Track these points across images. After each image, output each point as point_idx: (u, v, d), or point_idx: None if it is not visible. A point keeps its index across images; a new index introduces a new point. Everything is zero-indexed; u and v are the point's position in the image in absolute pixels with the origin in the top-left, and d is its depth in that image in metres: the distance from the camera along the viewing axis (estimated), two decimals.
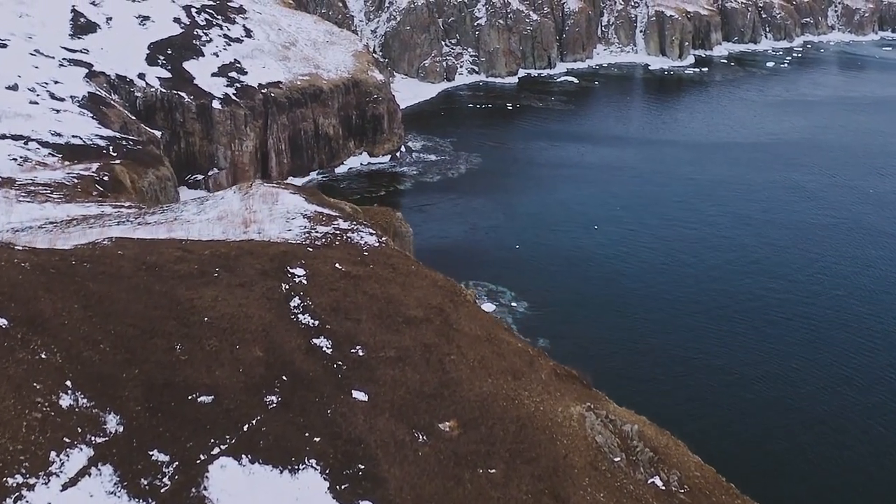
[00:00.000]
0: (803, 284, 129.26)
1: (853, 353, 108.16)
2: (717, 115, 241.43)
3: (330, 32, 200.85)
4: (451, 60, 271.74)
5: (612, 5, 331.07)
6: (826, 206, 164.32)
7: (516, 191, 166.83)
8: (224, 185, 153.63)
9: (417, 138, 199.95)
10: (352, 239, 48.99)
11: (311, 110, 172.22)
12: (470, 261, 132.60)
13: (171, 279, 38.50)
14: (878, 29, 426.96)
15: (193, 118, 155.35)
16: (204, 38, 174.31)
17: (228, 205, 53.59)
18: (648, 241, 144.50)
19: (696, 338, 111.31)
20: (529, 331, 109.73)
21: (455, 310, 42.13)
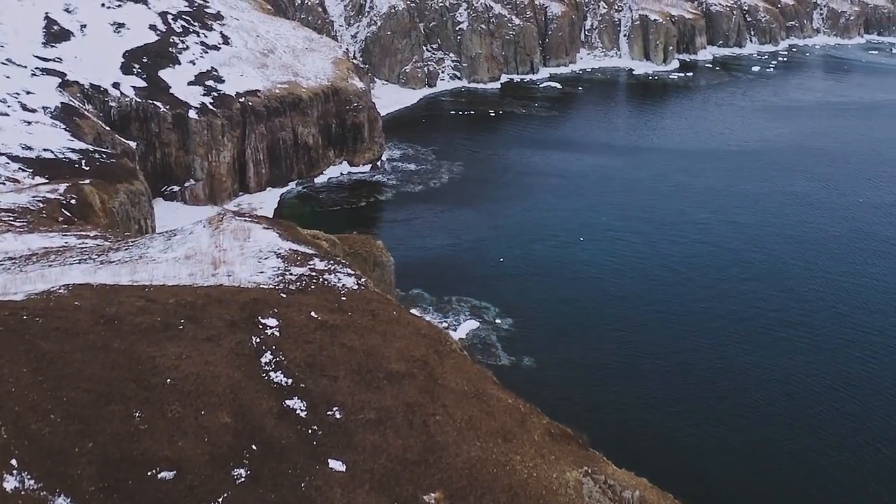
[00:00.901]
0: (804, 299, 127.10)
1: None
2: (704, 122, 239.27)
3: (309, 39, 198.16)
4: (433, 66, 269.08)
5: (596, 9, 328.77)
6: (817, 216, 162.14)
7: (500, 201, 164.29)
8: (201, 197, 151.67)
9: (399, 146, 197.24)
10: (329, 282, 46.10)
11: (289, 119, 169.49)
12: (453, 275, 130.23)
13: (131, 334, 35.73)
14: (864, 32, 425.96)
15: (169, 128, 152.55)
16: (180, 45, 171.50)
17: (197, 241, 50.73)
18: (635, 252, 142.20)
19: (689, 357, 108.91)
20: (514, 350, 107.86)
21: (440, 362, 39.35)
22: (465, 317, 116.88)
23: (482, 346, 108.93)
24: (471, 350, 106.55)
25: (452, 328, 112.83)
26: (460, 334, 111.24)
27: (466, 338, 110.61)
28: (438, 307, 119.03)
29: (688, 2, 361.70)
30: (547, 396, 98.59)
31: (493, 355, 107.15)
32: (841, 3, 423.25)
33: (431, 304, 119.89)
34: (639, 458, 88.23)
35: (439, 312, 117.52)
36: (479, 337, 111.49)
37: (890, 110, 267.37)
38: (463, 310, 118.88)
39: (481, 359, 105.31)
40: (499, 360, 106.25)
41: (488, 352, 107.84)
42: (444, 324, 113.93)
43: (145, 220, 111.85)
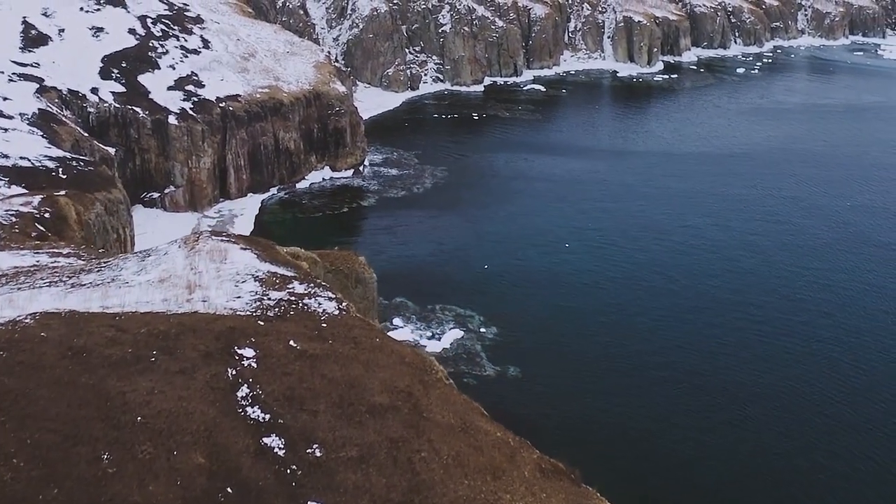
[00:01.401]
0: (795, 305, 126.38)
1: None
2: (689, 125, 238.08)
3: (290, 43, 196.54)
4: (416, 69, 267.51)
5: (580, 11, 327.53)
6: (806, 221, 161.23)
7: (484, 206, 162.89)
8: (181, 204, 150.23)
9: (381, 151, 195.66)
10: (309, 307, 44.40)
11: (271, 124, 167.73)
12: (437, 283, 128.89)
13: (100, 367, 34.07)
14: (849, 33, 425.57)
15: (149, 134, 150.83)
16: (160, 49, 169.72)
17: (172, 263, 49.00)
18: (622, 258, 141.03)
19: (678, 365, 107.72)
20: (500, 360, 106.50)
21: (425, 393, 37.74)
22: (449, 326, 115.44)
23: (467, 357, 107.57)
24: (455, 360, 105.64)
25: (437, 338, 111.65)
26: (444, 344, 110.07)
27: (451, 347, 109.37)
28: (422, 316, 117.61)
29: (672, 3, 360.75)
30: (533, 408, 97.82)
31: (478, 365, 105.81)
32: (826, 4, 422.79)
33: (415, 312, 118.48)
34: (628, 472, 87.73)
35: (423, 321, 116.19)
36: (463, 347, 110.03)
37: (876, 112, 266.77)
38: (447, 318, 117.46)
39: (466, 369, 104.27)
40: (484, 370, 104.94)
41: (473, 362, 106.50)
42: (429, 333, 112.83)
43: (123, 228, 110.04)
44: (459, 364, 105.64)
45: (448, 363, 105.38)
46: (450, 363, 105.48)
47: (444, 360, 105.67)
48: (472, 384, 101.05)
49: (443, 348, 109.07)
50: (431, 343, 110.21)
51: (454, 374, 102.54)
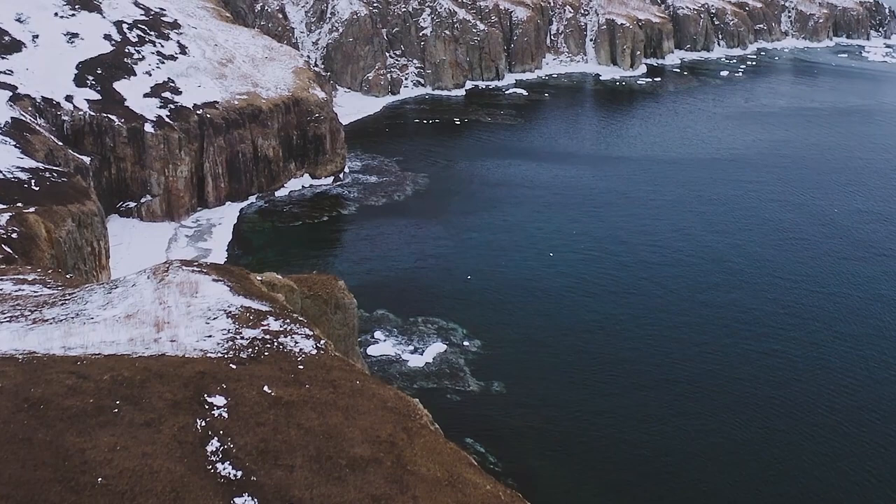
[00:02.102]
0: (786, 313, 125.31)
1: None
2: (673, 130, 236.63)
3: (269, 48, 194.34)
4: (396, 73, 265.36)
5: (562, 13, 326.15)
6: (794, 228, 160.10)
7: (466, 214, 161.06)
8: (158, 213, 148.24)
9: (361, 157, 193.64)
10: (284, 346, 42.01)
11: (249, 131, 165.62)
12: (419, 295, 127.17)
13: (59, 421, 31.65)
14: (833, 35, 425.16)
15: (124, 142, 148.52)
16: (136, 55, 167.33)
17: (140, 296, 46.52)
18: (607, 267, 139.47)
19: (666, 378, 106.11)
20: (483, 374, 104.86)
21: (409, 442, 35.40)
22: (431, 339, 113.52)
23: (450, 371, 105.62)
24: (438, 375, 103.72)
25: (419, 352, 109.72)
26: (427, 358, 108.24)
27: (433, 362, 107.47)
28: (404, 329, 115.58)
29: (655, 5, 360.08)
30: (518, 425, 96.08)
31: (462, 381, 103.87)
32: (809, 6, 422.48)
33: (396, 325, 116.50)
34: (618, 488, 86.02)
35: (405, 335, 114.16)
36: (446, 361, 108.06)
37: (863, 116, 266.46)
38: (429, 331, 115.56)
39: (449, 384, 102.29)
40: (467, 385, 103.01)
41: (456, 377, 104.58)
42: (411, 347, 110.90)
43: (98, 241, 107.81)
44: (443, 379, 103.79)
45: (431, 378, 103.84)
46: (433, 378, 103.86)
47: (427, 376, 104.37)
48: (455, 400, 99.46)
49: (425, 363, 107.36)
50: (414, 357, 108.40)
51: (437, 390, 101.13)
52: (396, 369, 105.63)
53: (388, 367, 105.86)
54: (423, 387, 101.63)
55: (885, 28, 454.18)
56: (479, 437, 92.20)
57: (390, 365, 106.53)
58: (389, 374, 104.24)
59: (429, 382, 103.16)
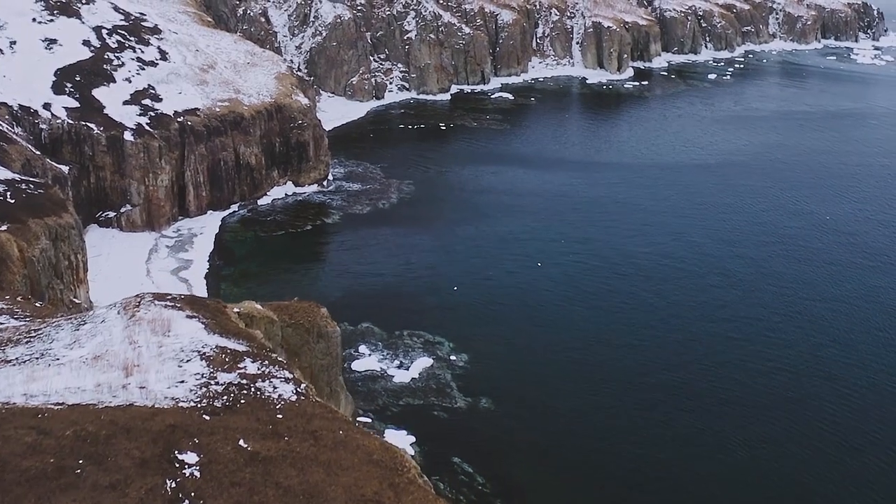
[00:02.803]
0: (779, 326, 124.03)
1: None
2: (662, 134, 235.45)
3: (251, 53, 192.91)
4: (380, 77, 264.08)
5: (548, 16, 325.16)
6: (786, 237, 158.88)
7: (452, 223, 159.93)
8: (138, 223, 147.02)
9: (346, 164, 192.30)
10: (262, 392, 40.19)
11: (231, 139, 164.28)
12: (404, 306, 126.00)
13: (16, 485, 29.92)
14: (821, 37, 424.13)
15: (104, 151, 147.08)
16: (115, 62, 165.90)
17: (109, 334, 44.79)
18: (596, 278, 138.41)
19: (658, 395, 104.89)
20: (471, 390, 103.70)
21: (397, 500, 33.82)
22: (417, 353, 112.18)
23: (437, 387, 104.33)
24: (425, 392, 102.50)
25: (405, 367, 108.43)
26: (413, 373, 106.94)
27: (420, 377, 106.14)
28: (389, 343, 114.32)
29: (642, 8, 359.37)
30: (506, 444, 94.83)
31: (449, 397, 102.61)
32: (797, 8, 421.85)
33: (381, 339, 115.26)
34: None
35: (390, 349, 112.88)
36: (433, 376, 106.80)
37: (854, 119, 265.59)
38: (415, 345, 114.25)
39: (436, 401, 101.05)
40: (454, 401, 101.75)
41: (443, 393, 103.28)
42: (396, 362, 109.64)
43: (75, 255, 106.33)
44: (429, 396, 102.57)
45: (417, 395, 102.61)
46: (419, 395, 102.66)
47: (413, 392, 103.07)
48: (442, 418, 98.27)
49: (411, 378, 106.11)
50: (399, 373, 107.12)
51: (424, 407, 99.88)
52: (382, 385, 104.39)
53: (372, 383, 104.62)
54: (409, 403, 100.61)
55: (874, 30, 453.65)
56: (466, 455, 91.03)
57: (375, 381, 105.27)
58: (374, 390, 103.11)
59: (415, 399, 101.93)
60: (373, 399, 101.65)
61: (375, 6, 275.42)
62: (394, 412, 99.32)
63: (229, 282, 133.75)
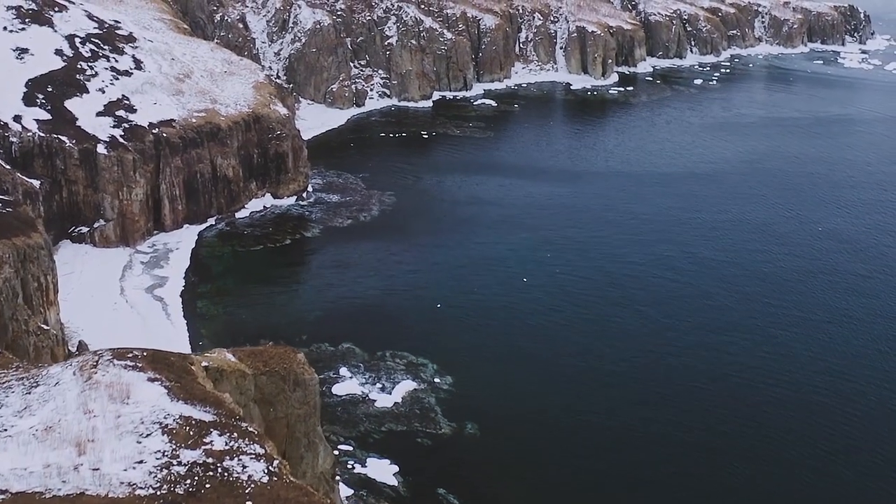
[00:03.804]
0: (776, 345, 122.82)
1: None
2: (648, 143, 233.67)
3: (228, 61, 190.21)
4: (361, 84, 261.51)
5: (531, 21, 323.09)
6: (778, 249, 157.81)
7: (435, 235, 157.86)
8: (112, 239, 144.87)
9: (326, 174, 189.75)
10: (230, 473, 37.00)
11: (207, 150, 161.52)
12: (387, 326, 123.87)
13: None
14: (808, 41, 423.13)
15: (76, 165, 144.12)
16: (89, 71, 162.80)
17: (62, 401, 41.54)
18: (584, 293, 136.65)
19: (650, 418, 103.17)
20: (456, 415, 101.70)
21: None
22: (400, 376, 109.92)
23: (420, 412, 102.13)
24: (408, 417, 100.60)
25: (387, 391, 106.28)
26: (396, 397, 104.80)
27: (402, 402, 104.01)
28: (370, 365, 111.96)
29: (626, 12, 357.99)
30: (493, 473, 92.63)
31: (433, 422, 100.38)
32: (783, 11, 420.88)
33: (363, 361, 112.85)
34: None
35: (372, 371, 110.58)
36: (416, 400, 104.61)
37: (843, 125, 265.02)
38: (398, 367, 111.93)
39: (420, 427, 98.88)
40: (439, 427, 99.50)
41: (427, 418, 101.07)
42: (378, 385, 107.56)
43: (45, 276, 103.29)
44: (412, 421, 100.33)
45: (400, 420, 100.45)
46: (402, 420, 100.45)
47: (396, 417, 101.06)
48: (426, 445, 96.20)
49: (394, 402, 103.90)
50: (382, 397, 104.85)
51: (407, 434, 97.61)
52: (363, 410, 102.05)
53: (354, 408, 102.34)
54: (391, 430, 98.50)
55: (860, 33, 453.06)
56: (452, 486, 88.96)
57: (356, 406, 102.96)
58: (356, 416, 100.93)
59: (398, 425, 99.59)
60: (354, 425, 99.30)
61: (355, 11, 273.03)
62: (376, 439, 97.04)
63: (206, 299, 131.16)
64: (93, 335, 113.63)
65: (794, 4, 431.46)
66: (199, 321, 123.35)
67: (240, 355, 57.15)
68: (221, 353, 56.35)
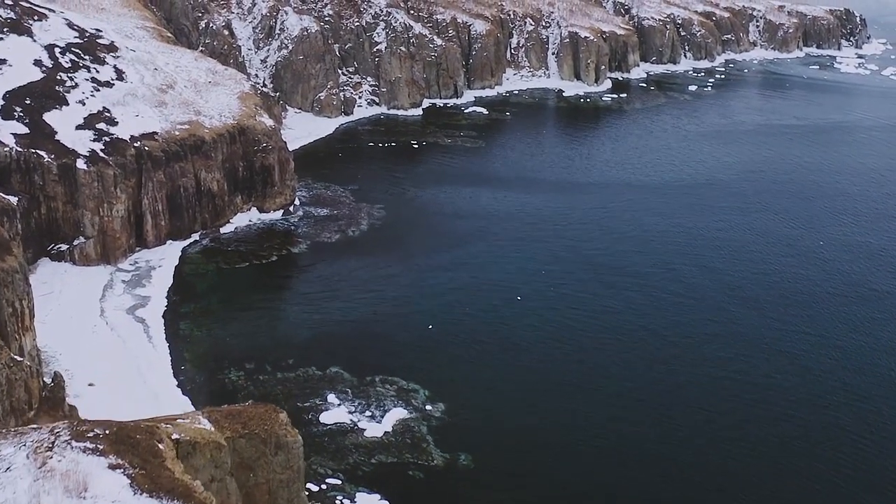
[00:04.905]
0: (785, 364, 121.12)
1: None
2: (644, 152, 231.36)
3: (213, 71, 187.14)
4: (350, 92, 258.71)
5: (522, 26, 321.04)
6: (781, 264, 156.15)
7: (425, 251, 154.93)
8: (92, 256, 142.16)
9: (313, 186, 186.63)
10: None
11: (191, 164, 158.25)
12: (376, 348, 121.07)
13: None
14: (803, 45, 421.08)
15: (55, 180, 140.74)
16: (69, 83, 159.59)
17: (11, 493, 38.19)
18: (580, 312, 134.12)
19: (652, 449, 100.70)
20: (449, 445, 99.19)
21: None
22: (390, 403, 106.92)
23: (411, 442, 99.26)
24: (399, 448, 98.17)
25: (377, 419, 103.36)
26: (386, 426, 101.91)
27: (393, 431, 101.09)
28: (359, 391, 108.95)
29: (619, 16, 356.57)
30: None
31: (425, 453, 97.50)
32: (778, 15, 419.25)
33: (352, 386, 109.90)
34: None
35: (361, 398, 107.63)
36: (407, 429, 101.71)
37: (842, 133, 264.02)
38: (388, 394, 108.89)
39: (411, 458, 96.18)
40: (431, 458, 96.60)
41: (419, 448, 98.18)
42: (368, 413, 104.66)
43: (20, 301, 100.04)
44: (403, 452, 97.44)
45: (391, 451, 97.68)
46: (392, 451, 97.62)
47: (387, 448, 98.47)
48: (418, 478, 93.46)
49: (384, 432, 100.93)
50: (371, 426, 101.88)
51: (398, 466, 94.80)
52: (352, 440, 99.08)
53: (342, 438, 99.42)
54: (381, 461, 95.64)
55: (856, 37, 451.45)
56: None
57: (345, 435, 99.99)
58: (344, 446, 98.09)
59: (388, 456, 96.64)
60: (342, 457, 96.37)
61: (343, 17, 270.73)
62: (365, 472, 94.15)
63: (189, 320, 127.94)
64: (71, 360, 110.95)
65: (789, 8, 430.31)
66: (181, 344, 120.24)
67: (216, 417, 53.49)
68: (195, 418, 52.68)
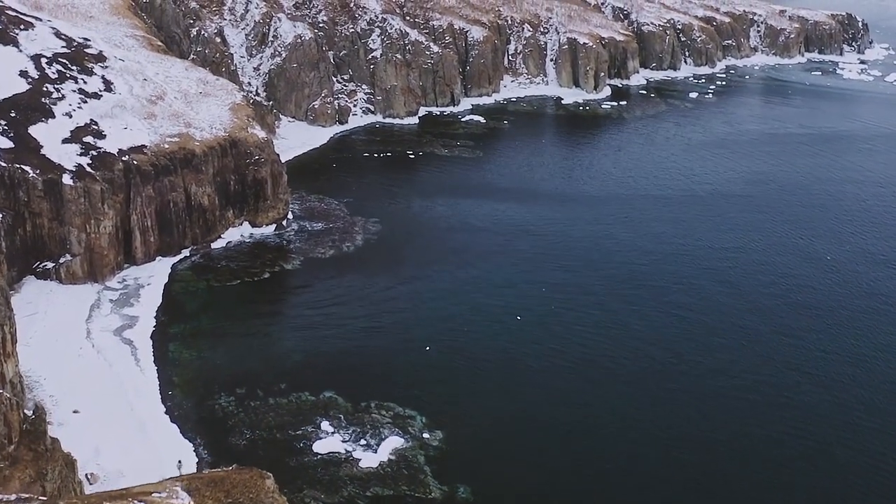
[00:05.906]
0: (787, 390, 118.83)
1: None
2: (646, 163, 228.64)
3: (204, 81, 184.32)
4: (344, 100, 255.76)
5: (520, 32, 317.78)
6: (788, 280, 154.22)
7: (422, 267, 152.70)
8: (79, 274, 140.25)
9: (307, 199, 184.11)
10: None
11: (181, 178, 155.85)
12: (372, 372, 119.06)
13: None
14: (805, 50, 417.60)
15: (40, 196, 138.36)
16: (55, 94, 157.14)
17: None
18: (583, 333, 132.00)
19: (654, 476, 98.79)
20: (447, 476, 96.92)
21: None
22: (386, 431, 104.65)
23: (408, 473, 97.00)
24: (395, 479, 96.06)
25: (372, 448, 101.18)
26: (381, 456, 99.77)
27: (389, 461, 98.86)
28: (354, 418, 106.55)
29: (618, 22, 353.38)
30: None
31: (422, 484, 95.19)
32: (779, 20, 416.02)
33: (346, 413, 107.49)
34: None
35: (356, 425, 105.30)
36: (404, 459, 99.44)
37: (848, 142, 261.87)
38: (384, 421, 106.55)
39: (408, 490, 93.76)
40: (429, 490, 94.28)
41: (416, 480, 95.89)
42: (363, 442, 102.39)
43: (2, 327, 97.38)
44: (400, 483, 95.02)
45: (387, 483, 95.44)
46: (389, 483, 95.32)
47: (382, 479, 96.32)
48: None
49: (380, 462, 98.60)
50: (367, 455, 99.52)
51: (394, 499, 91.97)
52: (346, 471, 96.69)
53: (336, 469, 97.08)
54: (377, 494, 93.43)
55: (859, 42, 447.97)
56: None
57: (339, 465, 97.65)
58: (339, 478, 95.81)
59: (384, 488, 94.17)
60: (336, 489, 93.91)
61: (338, 24, 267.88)
62: None
63: (178, 342, 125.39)
64: (56, 385, 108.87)
65: (790, 13, 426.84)
66: (170, 367, 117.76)
67: (196, 485, 50.16)
68: (173, 488, 49.50)
